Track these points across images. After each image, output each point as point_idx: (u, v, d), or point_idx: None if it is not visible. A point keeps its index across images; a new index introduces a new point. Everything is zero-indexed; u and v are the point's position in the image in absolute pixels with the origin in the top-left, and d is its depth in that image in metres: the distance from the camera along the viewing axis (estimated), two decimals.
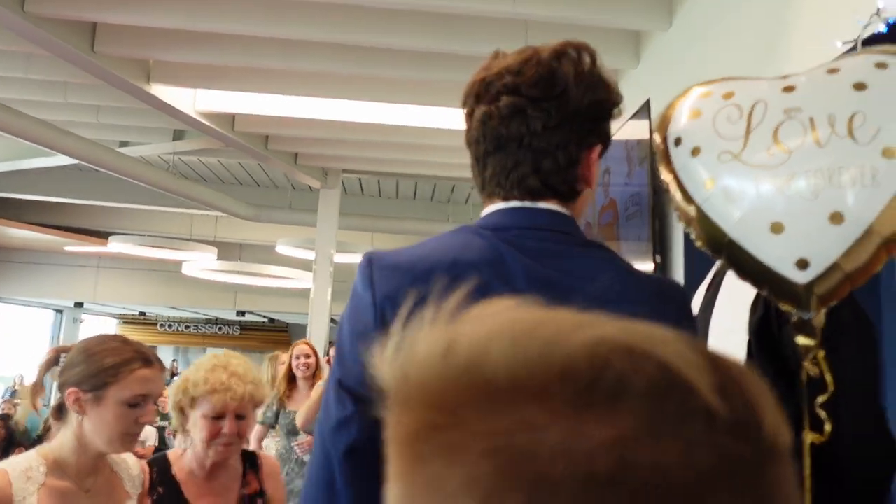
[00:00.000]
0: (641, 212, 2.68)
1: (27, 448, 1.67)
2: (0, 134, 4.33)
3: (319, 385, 3.52)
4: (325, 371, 3.80)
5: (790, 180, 0.93)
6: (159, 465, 1.63)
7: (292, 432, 3.47)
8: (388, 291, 0.81)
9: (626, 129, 2.79)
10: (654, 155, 1.17)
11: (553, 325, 0.27)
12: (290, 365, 3.65)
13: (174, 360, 16.37)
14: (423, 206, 8.02)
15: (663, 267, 2.60)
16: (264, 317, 12.72)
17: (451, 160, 5.16)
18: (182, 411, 1.65)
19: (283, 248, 7.31)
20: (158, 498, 1.56)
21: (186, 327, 14.88)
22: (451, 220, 7.61)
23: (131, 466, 1.50)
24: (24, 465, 1.29)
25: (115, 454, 1.40)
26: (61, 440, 1.35)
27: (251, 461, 1.78)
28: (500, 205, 0.88)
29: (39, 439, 5.50)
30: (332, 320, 4.84)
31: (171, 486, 1.59)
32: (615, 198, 3.00)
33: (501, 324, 0.28)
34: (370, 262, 0.86)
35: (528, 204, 0.86)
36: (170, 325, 15.18)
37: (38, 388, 1.47)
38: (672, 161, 1.03)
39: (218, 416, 1.59)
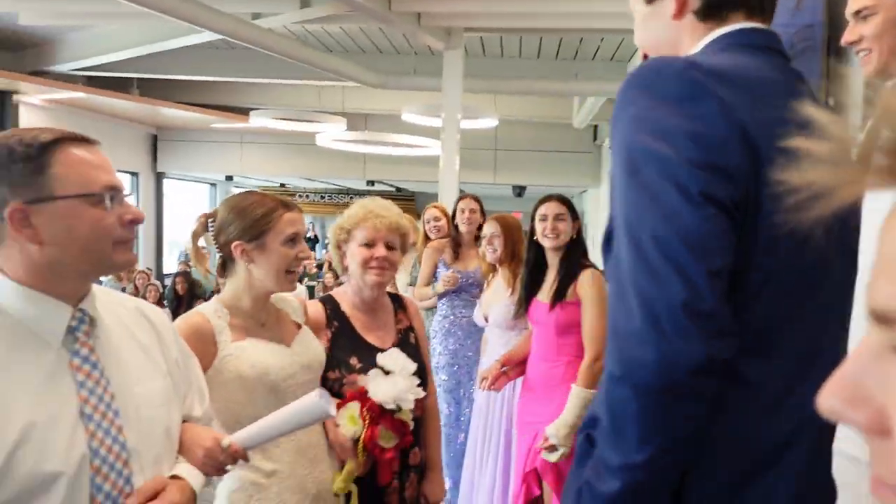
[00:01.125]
0: (813, 47, 2.40)
1: (206, 300, 1.89)
2: (145, 14, 4.59)
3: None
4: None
5: None
6: (330, 303, 1.85)
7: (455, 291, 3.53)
8: (734, 102, 0.77)
9: None
10: None
11: None
12: (423, 229, 3.77)
13: (311, 223, 17.63)
14: (548, 65, 7.66)
15: (835, 109, 2.35)
16: (392, 186, 13.16)
17: (580, 8, 4.82)
18: (340, 248, 1.84)
19: (408, 116, 7.37)
20: (335, 331, 1.77)
21: (321, 197, 15.81)
22: (580, 78, 7.24)
23: (291, 300, 1.71)
24: (212, 308, 1.51)
25: (281, 292, 1.56)
26: (233, 289, 1.55)
27: (398, 302, 1.98)
28: (740, 25, 0.87)
29: (213, 294, 6.21)
30: (461, 191, 4.89)
31: (343, 321, 1.80)
32: (779, 32, 2.68)
33: None
34: (693, 66, 0.80)
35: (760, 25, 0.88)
36: (307, 196, 16.19)
37: (199, 254, 1.61)
38: None
39: (370, 244, 1.77)
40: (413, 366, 1.63)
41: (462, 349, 3.56)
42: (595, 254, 1.81)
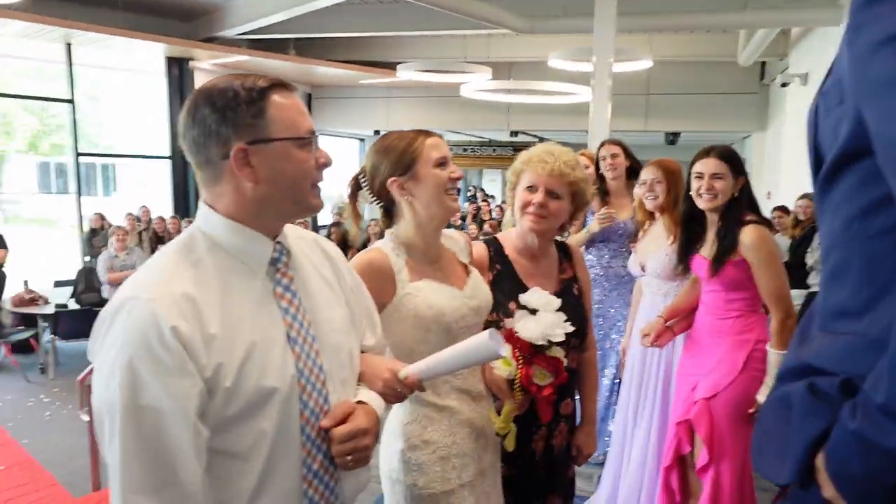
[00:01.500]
0: None
1: (358, 251, 1.91)
2: None
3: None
4: None
5: None
6: (494, 245, 1.83)
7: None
8: None
9: None
10: None
11: None
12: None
13: None
14: None
15: None
16: (536, 136, 12.92)
17: None
18: (514, 189, 1.80)
19: (555, 62, 7.12)
20: (497, 273, 1.76)
21: (464, 150, 15.91)
22: (750, 8, 6.54)
23: (458, 239, 1.70)
24: (390, 247, 1.53)
25: (448, 215, 1.53)
26: (403, 229, 1.54)
27: (564, 251, 1.90)
28: None
29: (364, 245, 6.56)
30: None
31: (506, 264, 1.78)
32: None
33: None
34: None
35: None
36: (451, 149, 16.35)
37: (355, 213, 1.63)
38: None
39: (532, 187, 1.72)
40: (557, 301, 1.58)
41: (607, 300, 3.46)
42: (766, 207, 1.61)
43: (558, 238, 1.90)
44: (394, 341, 1.41)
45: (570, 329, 1.54)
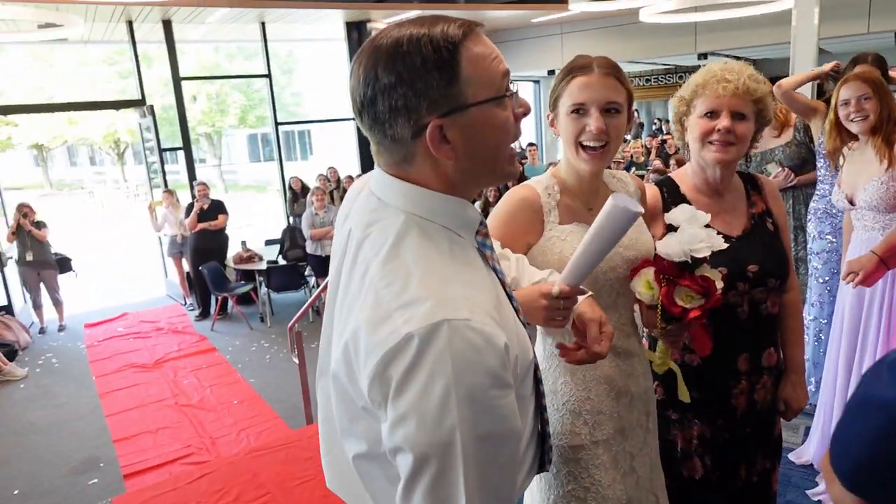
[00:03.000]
0: None
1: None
2: None
3: None
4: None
5: None
6: (667, 185, 1.65)
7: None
8: None
9: None
10: None
11: None
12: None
13: (636, 109, 16.81)
14: None
15: None
16: (728, 56, 11.62)
17: None
18: (681, 123, 1.61)
19: None
20: None
21: (647, 81, 14.87)
22: None
23: (628, 182, 1.53)
24: (544, 184, 1.43)
25: (581, 165, 1.38)
26: (562, 165, 1.45)
27: (752, 182, 1.68)
28: None
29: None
30: (821, 50, 3.96)
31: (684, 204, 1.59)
32: None
33: None
34: None
35: None
36: (632, 81, 15.40)
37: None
38: None
39: (712, 112, 1.52)
40: (705, 216, 1.38)
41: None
42: None
43: (741, 170, 1.68)
44: None
45: (722, 245, 1.35)
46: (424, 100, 0.82)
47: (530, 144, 8.97)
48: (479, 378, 0.77)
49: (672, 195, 1.63)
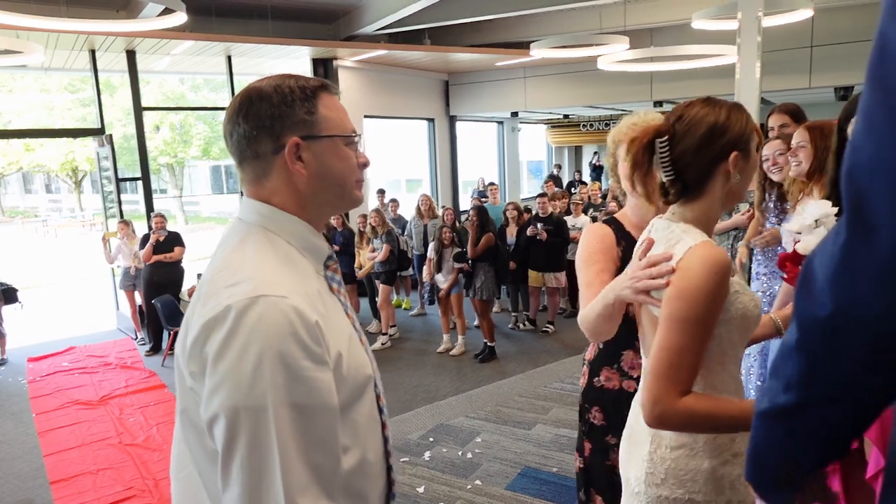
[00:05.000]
0: None
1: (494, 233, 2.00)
2: None
3: None
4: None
5: None
6: (614, 224, 1.85)
7: None
8: None
9: None
10: None
11: None
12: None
13: (595, 153, 17.21)
14: None
15: None
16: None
17: None
18: (615, 171, 1.85)
19: (699, 24, 6.57)
20: (624, 249, 1.77)
21: (605, 125, 15.30)
22: None
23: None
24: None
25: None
26: (701, 210, 1.28)
27: None
28: None
29: (502, 228, 6.45)
30: (763, 100, 4.19)
31: (629, 241, 1.78)
32: None
33: None
34: None
35: None
36: (591, 125, 15.82)
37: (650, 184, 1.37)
38: None
39: None
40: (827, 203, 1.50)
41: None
42: None
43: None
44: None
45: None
46: (288, 121, 1.00)
47: (491, 184, 9.11)
48: (290, 347, 0.86)
49: (619, 232, 1.81)
